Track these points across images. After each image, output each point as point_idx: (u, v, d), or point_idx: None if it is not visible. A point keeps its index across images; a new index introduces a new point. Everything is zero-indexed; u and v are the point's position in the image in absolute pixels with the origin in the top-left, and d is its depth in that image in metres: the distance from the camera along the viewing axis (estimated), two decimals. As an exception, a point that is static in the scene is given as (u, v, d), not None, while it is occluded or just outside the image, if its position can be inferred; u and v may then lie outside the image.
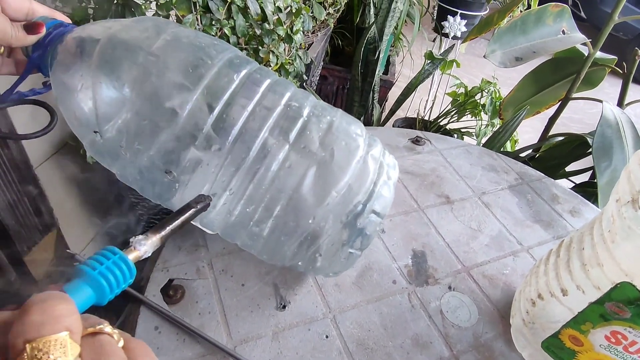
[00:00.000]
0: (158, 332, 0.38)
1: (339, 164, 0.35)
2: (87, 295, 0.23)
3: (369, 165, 0.36)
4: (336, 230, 0.36)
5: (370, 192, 0.36)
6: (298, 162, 0.34)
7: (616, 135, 0.66)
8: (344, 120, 0.38)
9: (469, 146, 0.70)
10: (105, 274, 0.24)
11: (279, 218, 0.35)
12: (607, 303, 0.33)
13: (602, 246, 0.33)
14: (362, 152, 0.36)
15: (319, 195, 0.34)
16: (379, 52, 1.36)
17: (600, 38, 0.77)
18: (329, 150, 0.35)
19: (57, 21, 0.35)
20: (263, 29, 0.63)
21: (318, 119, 0.36)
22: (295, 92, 0.37)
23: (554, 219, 0.59)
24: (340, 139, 0.36)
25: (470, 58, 2.51)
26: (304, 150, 0.34)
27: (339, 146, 0.35)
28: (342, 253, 0.37)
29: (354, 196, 0.35)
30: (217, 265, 0.45)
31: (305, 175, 0.34)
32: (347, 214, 0.35)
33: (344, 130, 0.37)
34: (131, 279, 0.26)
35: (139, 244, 0.28)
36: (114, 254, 0.25)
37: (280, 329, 0.40)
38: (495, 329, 0.44)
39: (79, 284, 0.23)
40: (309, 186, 0.34)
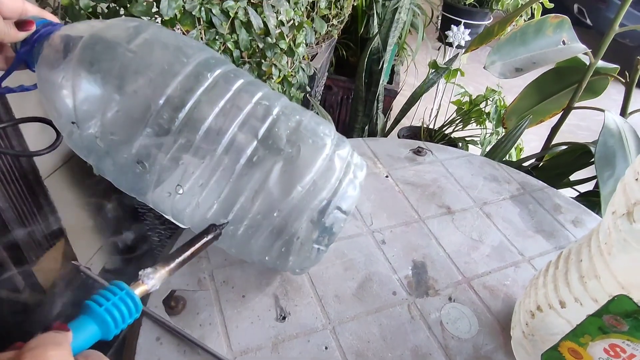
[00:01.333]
0: (159, 342, 0.39)
1: (304, 160, 0.36)
2: (91, 331, 0.24)
3: (335, 163, 0.38)
4: (302, 226, 0.37)
5: (335, 190, 0.37)
6: (265, 157, 0.36)
7: (619, 144, 0.66)
8: (313, 121, 0.39)
9: (470, 156, 0.70)
10: (111, 311, 0.25)
11: (245, 213, 0.36)
12: (604, 316, 0.32)
13: (599, 258, 0.33)
14: (328, 151, 0.38)
15: (284, 189, 0.36)
16: (382, 62, 1.37)
17: (602, 47, 0.77)
18: (295, 147, 0.36)
19: (47, 20, 0.37)
20: (265, 42, 0.65)
21: (287, 118, 0.37)
22: (267, 92, 0.39)
23: (556, 229, 0.59)
24: (308, 137, 0.37)
25: (475, 66, 2.52)
26: (271, 146, 0.36)
27: (305, 143, 0.37)
28: (309, 249, 0.39)
29: (318, 192, 0.36)
30: (218, 277, 0.45)
31: (271, 170, 0.36)
32: (312, 210, 0.37)
33: (312, 129, 0.38)
34: (137, 314, 0.27)
35: (147, 277, 0.29)
36: (121, 290, 0.26)
37: (280, 340, 0.41)
38: (495, 341, 0.44)
39: (84, 320, 0.24)
40: (275, 180, 0.36)
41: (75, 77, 0.34)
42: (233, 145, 0.35)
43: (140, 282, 0.29)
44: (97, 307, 0.24)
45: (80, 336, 0.23)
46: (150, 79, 0.34)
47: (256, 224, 0.37)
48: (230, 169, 0.35)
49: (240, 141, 0.35)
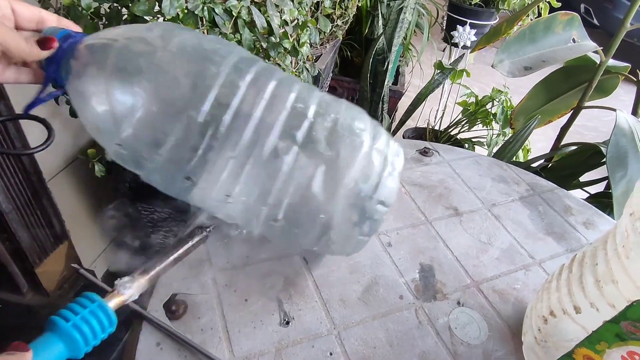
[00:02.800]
0: (159, 348, 0.38)
1: (345, 160, 0.36)
2: (57, 350, 0.21)
3: (373, 158, 0.38)
4: (346, 221, 0.38)
5: (376, 185, 0.37)
6: (307, 162, 0.36)
7: (631, 144, 0.65)
8: (348, 116, 0.39)
9: (478, 157, 0.69)
10: (79, 326, 0.23)
11: (292, 215, 0.37)
12: (622, 322, 0.31)
13: (616, 262, 0.32)
14: (366, 148, 0.38)
15: (328, 192, 0.36)
16: (387, 62, 1.36)
17: (612, 45, 0.75)
18: (334, 149, 0.36)
19: (67, 31, 0.35)
20: (269, 42, 0.64)
21: (323, 118, 0.37)
22: (300, 90, 0.38)
23: (567, 231, 0.57)
24: (345, 136, 0.37)
25: (480, 67, 2.50)
26: (311, 151, 0.36)
27: (344, 144, 0.37)
28: (352, 239, 0.40)
29: (360, 190, 0.37)
30: (220, 280, 0.44)
31: (314, 175, 0.36)
32: (356, 206, 0.37)
33: (348, 127, 0.38)
34: (111, 328, 0.24)
35: (123, 287, 0.27)
36: (92, 302, 0.24)
37: (284, 345, 0.40)
38: (506, 347, 0.43)
39: (49, 339, 0.21)
40: (319, 184, 0.36)
41: (111, 96, 0.33)
42: (274, 153, 0.35)
43: (116, 292, 0.27)
44: (63, 323, 0.22)
45: (44, 356, 0.21)
46: (186, 97, 0.34)
47: (303, 225, 0.38)
48: (273, 176, 0.36)
49: (282, 149, 0.35)
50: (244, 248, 0.48)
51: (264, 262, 0.47)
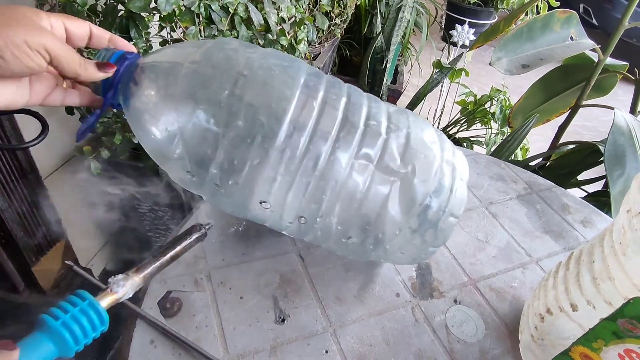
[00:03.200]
0: (153, 345, 0.37)
1: (420, 177, 0.36)
2: (46, 350, 0.21)
3: (445, 171, 0.38)
4: (418, 234, 0.38)
5: (447, 198, 0.38)
6: (383, 180, 0.36)
7: (629, 143, 0.64)
8: (418, 129, 0.39)
9: (476, 155, 0.69)
10: (69, 324, 0.22)
11: (369, 232, 0.37)
12: (619, 319, 0.31)
13: (613, 259, 0.32)
14: (439, 161, 0.38)
15: (403, 208, 0.36)
16: (386, 61, 1.36)
17: (611, 44, 0.75)
18: (410, 166, 0.36)
19: (121, 52, 0.34)
20: (266, 39, 0.63)
21: (396, 134, 0.37)
22: (369, 105, 0.38)
23: (565, 230, 0.57)
24: (419, 152, 0.37)
25: (479, 66, 2.50)
26: (387, 169, 0.36)
27: (419, 160, 0.37)
28: (423, 251, 0.40)
29: (433, 204, 0.37)
30: (215, 278, 0.44)
31: (390, 192, 0.36)
32: (427, 220, 0.37)
33: (421, 141, 0.38)
34: (103, 327, 0.24)
35: (117, 285, 0.27)
36: (83, 300, 0.24)
37: (279, 343, 0.39)
38: (503, 345, 0.42)
39: (38, 338, 0.21)
40: (394, 201, 0.36)
41: (181, 125, 0.33)
42: (351, 174, 0.35)
43: (109, 290, 0.27)
44: (52, 321, 0.22)
45: (32, 356, 0.21)
46: (262, 123, 0.33)
47: (379, 241, 0.38)
48: (350, 197, 0.36)
49: (358, 169, 0.36)
50: (240, 245, 0.48)
51: (259, 259, 0.47)
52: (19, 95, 0.31)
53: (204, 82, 0.33)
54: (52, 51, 0.28)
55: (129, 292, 0.28)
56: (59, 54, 0.29)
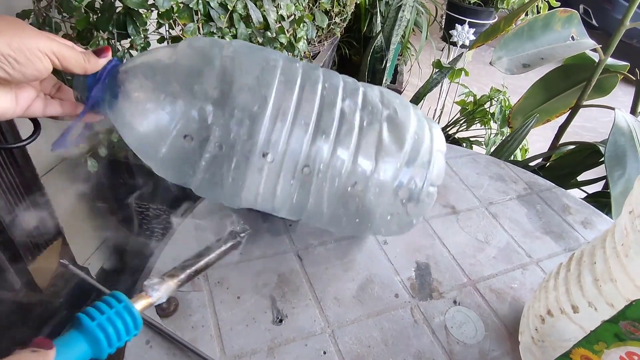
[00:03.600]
0: (149, 346, 0.37)
1: (403, 116, 0.40)
2: (81, 350, 0.21)
3: (424, 124, 0.41)
4: (397, 201, 0.40)
5: (428, 161, 0.40)
6: (371, 120, 0.38)
7: (630, 143, 0.64)
8: (383, 88, 0.43)
9: (475, 155, 0.68)
10: (104, 326, 0.22)
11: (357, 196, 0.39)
12: (621, 322, 0.30)
13: (615, 260, 0.31)
14: (412, 107, 0.41)
15: (397, 142, 0.39)
16: (386, 60, 1.35)
17: (612, 44, 0.75)
18: (391, 107, 0.40)
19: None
20: (265, 37, 0.63)
21: (370, 88, 0.42)
22: (345, 78, 0.42)
23: (565, 231, 0.57)
24: (393, 98, 0.41)
25: (479, 66, 2.50)
26: (372, 112, 0.39)
27: (395, 104, 0.40)
28: (403, 219, 0.42)
29: (417, 154, 0.39)
30: (212, 277, 0.43)
31: (382, 130, 0.38)
32: (408, 185, 0.39)
33: (390, 93, 0.42)
34: (136, 331, 0.24)
35: (152, 289, 0.26)
36: (119, 302, 0.23)
37: (276, 344, 0.39)
38: (502, 347, 0.42)
39: (73, 337, 0.21)
40: (387, 137, 0.38)
41: (178, 107, 0.34)
42: (344, 118, 0.38)
43: (144, 293, 0.26)
44: (89, 322, 0.21)
45: (68, 355, 0.20)
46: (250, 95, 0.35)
47: (365, 206, 0.40)
48: (350, 135, 0.38)
49: (349, 113, 0.38)
50: (237, 245, 0.47)
51: (257, 259, 0.46)
52: (10, 105, 0.31)
53: (189, 71, 0.35)
54: (58, 54, 0.30)
55: (163, 296, 0.27)
56: (65, 55, 0.30)
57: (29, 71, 0.29)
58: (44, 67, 0.29)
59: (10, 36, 0.27)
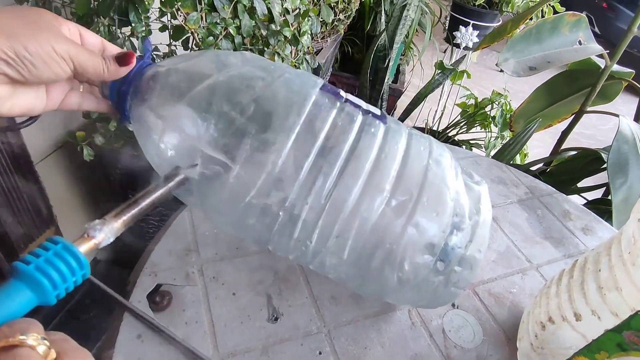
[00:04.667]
0: (140, 340, 0.36)
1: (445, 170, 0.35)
2: (24, 298, 0.20)
3: (464, 204, 0.35)
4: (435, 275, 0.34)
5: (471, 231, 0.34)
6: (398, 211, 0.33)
7: (633, 151, 0.63)
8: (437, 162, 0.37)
9: (477, 157, 0.68)
10: (43, 268, 0.21)
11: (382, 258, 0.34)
12: (625, 331, 0.30)
13: (620, 269, 0.31)
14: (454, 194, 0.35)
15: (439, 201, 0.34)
16: (388, 60, 1.34)
17: (618, 50, 0.74)
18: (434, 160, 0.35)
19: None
20: (269, 29, 0.62)
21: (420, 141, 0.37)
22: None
23: (566, 236, 0.56)
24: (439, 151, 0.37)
25: (481, 70, 2.49)
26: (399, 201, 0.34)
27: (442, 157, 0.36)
28: (443, 291, 0.35)
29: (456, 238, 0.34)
30: (207, 272, 0.42)
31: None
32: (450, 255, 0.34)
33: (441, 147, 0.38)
34: (83, 271, 0.22)
35: (93, 229, 0.25)
36: (55, 244, 0.22)
37: (271, 342, 0.38)
38: (500, 352, 0.41)
39: (12, 286, 0.20)
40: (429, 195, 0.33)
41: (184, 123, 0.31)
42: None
43: (85, 235, 0.25)
44: (26, 267, 0.20)
45: (10, 304, 0.19)
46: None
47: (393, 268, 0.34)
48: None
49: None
50: (234, 239, 0.46)
51: (254, 255, 0.45)
52: (38, 101, 0.30)
53: (220, 94, 0.32)
54: (75, 58, 0.28)
55: (108, 237, 0.25)
56: (82, 61, 0.29)
57: (45, 74, 0.27)
58: (62, 71, 0.28)
59: (27, 37, 0.26)
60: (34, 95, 0.30)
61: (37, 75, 0.27)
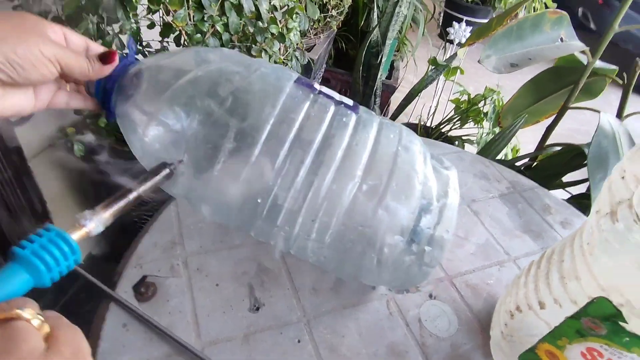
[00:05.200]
0: (126, 329, 0.37)
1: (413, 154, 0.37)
2: (21, 279, 0.22)
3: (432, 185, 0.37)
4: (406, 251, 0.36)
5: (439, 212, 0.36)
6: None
7: (612, 146, 0.65)
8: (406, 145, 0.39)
9: (461, 152, 0.69)
10: (38, 253, 0.23)
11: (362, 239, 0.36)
12: (583, 318, 0.31)
13: (580, 259, 0.32)
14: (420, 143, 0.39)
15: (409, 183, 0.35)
16: (381, 56, 1.35)
17: (600, 46, 0.75)
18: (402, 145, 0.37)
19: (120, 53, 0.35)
20: (256, 26, 0.63)
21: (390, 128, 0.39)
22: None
23: (544, 230, 0.58)
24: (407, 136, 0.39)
25: (476, 65, 2.49)
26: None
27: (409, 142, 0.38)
28: (413, 270, 0.37)
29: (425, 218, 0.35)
30: (192, 264, 0.44)
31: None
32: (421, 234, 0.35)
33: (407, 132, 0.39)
34: (75, 255, 0.25)
35: (84, 219, 0.27)
36: (49, 231, 0.24)
37: (252, 331, 0.39)
38: (474, 340, 0.43)
39: (10, 268, 0.22)
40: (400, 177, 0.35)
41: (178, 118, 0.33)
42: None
43: (76, 224, 0.27)
44: (21, 251, 0.23)
45: (8, 285, 0.21)
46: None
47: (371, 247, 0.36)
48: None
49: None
50: (218, 232, 0.48)
51: (237, 247, 0.47)
52: (27, 102, 0.32)
53: (201, 88, 0.34)
54: (62, 60, 0.29)
55: (97, 226, 0.27)
56: (68, 62, 0.30)
57: (33, 76, 0.29)
58: (49, 72, 0.29)
59: (14, 41, 0.27)
60: (23, 96, 0.31)
61: (26, 77, 0.28)
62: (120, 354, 0.36)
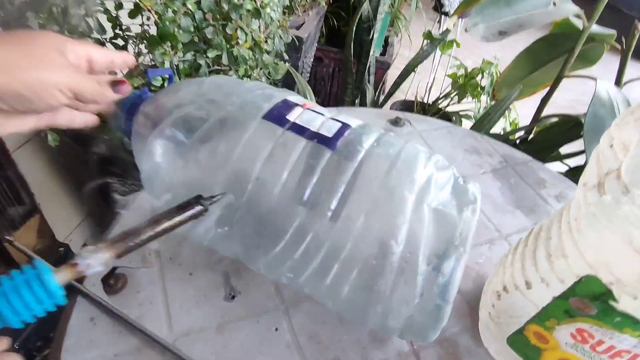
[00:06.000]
0: (93, 323, 0.36)
1: None
2: None
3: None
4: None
5: None
6: None
7: (610, 115, 0.62)
8: None
9: (451, 127, 0.66)
10: (7, 295, 0.22)
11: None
12: (571, 298, 0.29)
13: (567, 235, 0.30)
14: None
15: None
16: (373, 31, 1.31)
17: (597, 10, 0.71)
18: None
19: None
20: (230, 3, 0.60)
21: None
22: None
23: (538, 205, 0.55)
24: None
25: (474, 39, 2.42)
26: None
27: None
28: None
29: None
30: (164, 254, 0.42)
31: None
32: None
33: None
34: (53, 299, 0.23)
35: (80, 257, 0.25)
36: (33, 269, 0.23)
37: (227, 320, 0.38)
38: (462, 323, 0.41)
39: None
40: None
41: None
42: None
43: (72, 262, 0.25)
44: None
45: None
46: None
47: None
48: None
49: None
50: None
51: (213, 235, 0.45)
52: (27, 125, 0.31)
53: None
54: (74, 89, 0.29)
55: (94, 266, 0.25)
56: (80, 90, 0.29)
57: (39, 107, 0.28)
58: (56, 102, 0.28)
59: (23, 70, 0.26)
60: (25, 120, 0.30)
61: (32, 107, 0.28)
62: (87, 349, 0.34)
